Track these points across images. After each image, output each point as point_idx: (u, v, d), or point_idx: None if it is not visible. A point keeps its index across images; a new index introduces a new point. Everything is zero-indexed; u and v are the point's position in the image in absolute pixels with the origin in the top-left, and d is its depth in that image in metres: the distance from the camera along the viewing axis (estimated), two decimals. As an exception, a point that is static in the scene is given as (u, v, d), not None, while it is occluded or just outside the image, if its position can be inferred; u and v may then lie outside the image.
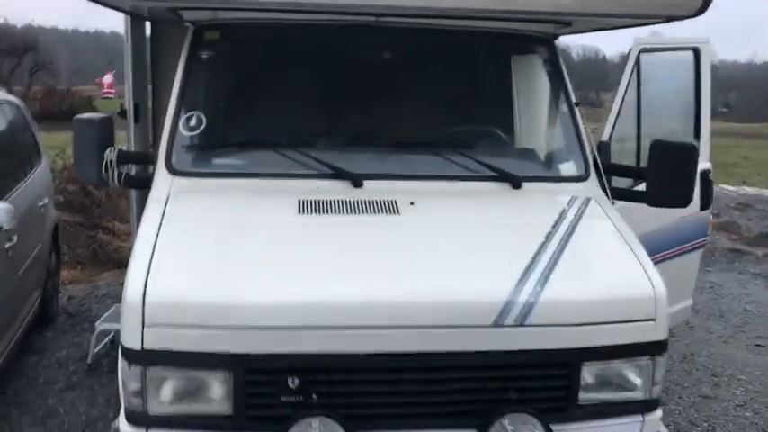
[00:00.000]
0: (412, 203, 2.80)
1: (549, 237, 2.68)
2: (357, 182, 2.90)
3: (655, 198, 3.12)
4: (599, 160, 3.20)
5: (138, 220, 2.89)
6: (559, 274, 2.50)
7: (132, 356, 2.27)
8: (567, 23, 3.29)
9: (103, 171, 2.99)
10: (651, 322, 2.51)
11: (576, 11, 2.87)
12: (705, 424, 4.22)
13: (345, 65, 3.27)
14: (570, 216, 2.86)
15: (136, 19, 3.81)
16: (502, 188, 3.00)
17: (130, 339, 2.27)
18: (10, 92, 6.79)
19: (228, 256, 2.48)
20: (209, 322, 2.25)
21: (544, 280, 2.45)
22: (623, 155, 3.80)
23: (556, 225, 2.77)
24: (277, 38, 3.23)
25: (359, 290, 2.33)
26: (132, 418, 2.33)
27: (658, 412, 2.63)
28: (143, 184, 3.10)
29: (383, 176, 2.95)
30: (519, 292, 2.38)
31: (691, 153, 3.08)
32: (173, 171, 2.92)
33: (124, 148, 3.20)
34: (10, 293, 3.97)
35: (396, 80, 3.30)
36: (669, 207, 3.18)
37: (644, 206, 3.25)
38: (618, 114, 3.38)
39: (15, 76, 40.73)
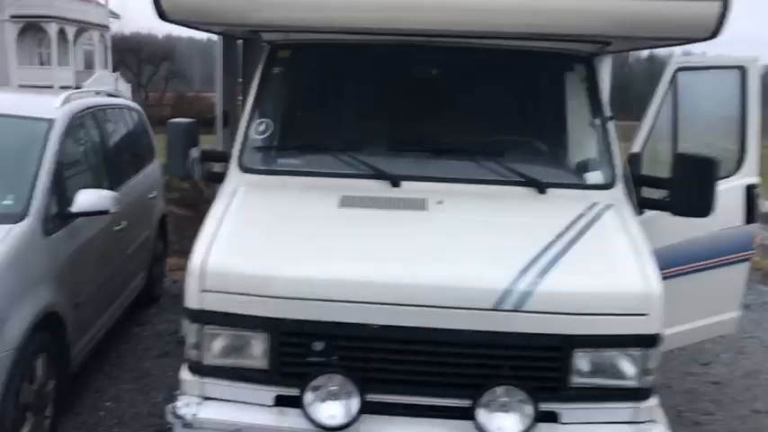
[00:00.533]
0: (440, 202, 3.19)
1: (559, 236, 2.98)
2: (395, 182, 3.31)
3: (677, 207, 3.34)
4: (628, 171, 3.46)
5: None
6: (560, 268, 2.79)
7: (192, 315, 2.79)
8: (606, 43, 3.56)
9: (189, 167, 3.57)
10: (643, 317, 2.75)
11: (597, 33, 3.17)
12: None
13: (396, 80, 3.70)
14: (586, 219, 3.12)
15: (227, 38, 4.42)
16: (528, 192, 3.31)
17: (192, 301, 2.79)
18: (146, 97, 7.70)
19: (274, 238, 2.97)
20: (253, 291, 2.73)
21: (544, 272, 2.76)
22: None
23: (569, 226, 3.06)
24: (337, 56, 3.70)
25: (377, 271, 2.74)
26: (191, 368, 2.85)
27: (652, 401, 2.86)
28: (220, 179, 3.64)
29: (420, 178, 3.34)
30: (518, 281, 2.70)
31: (710, 165, 3.28)
32: (243, 168, 3.45)
33: (209, 148, 3.77)
34: (117, 270, 4.66)
35: (440, 94, 3.68)
36: (690, 216, 3.37)
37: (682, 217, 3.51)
38: (651, 129, 3.59)
39: (153, 83, 44.13)
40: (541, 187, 3.31)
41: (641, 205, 3.47)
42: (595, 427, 2.79)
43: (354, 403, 2.66)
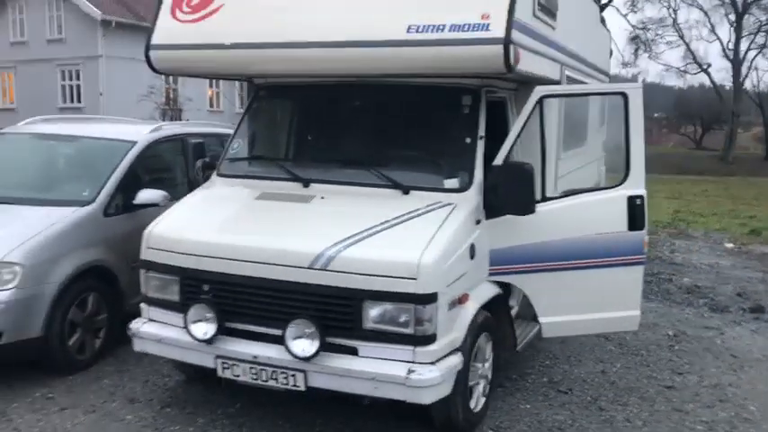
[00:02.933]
0: (323, 198, 4.39)
1: (387, 221, 4.02)
2: (306, 183, 4.55)
3: (490, 208, 4.18)
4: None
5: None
6: (367, 242, 3.86)
7: (142, 264, 4.32)
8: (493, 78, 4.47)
9: (196, 174, 5.15)
10: (414, 280, 3.70)
11: (424, 73, 4.18)
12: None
13: (328, 111, 4.97)
14: (419, 212, 4.10)
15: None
16: (394, 193, 4.34)
17: (142, 254, 4.32)
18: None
19: (197, 216, 4.43)
20: (170, 249, 4.19)
21: (352, 244, 3.85)
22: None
23: (402, 216, 4.06)
24: (291, 94, 5.07)
25: (238, 239, 4.06)
26: (143, 300, 4.38)
27: (432, 347, 3.76)
28: (213, 182, 5.17)
29: (325, 181, 4.55)
30: (329, 249, 3.82)
31: (525, 171, 4.07)
32: (219, 173, 4.93)
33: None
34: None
35: (358, 120, 4.85)
36: (505, 214, 4.19)
37: (561, 219, 4.41)
38: (512, 146, 4.36)
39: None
40: (405, 189, 4.33)
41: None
42: (383, 362, 3.77)
43: (213, 327, 3.97)
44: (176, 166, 6.38)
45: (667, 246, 11.15)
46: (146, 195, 5.55)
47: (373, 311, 3.79)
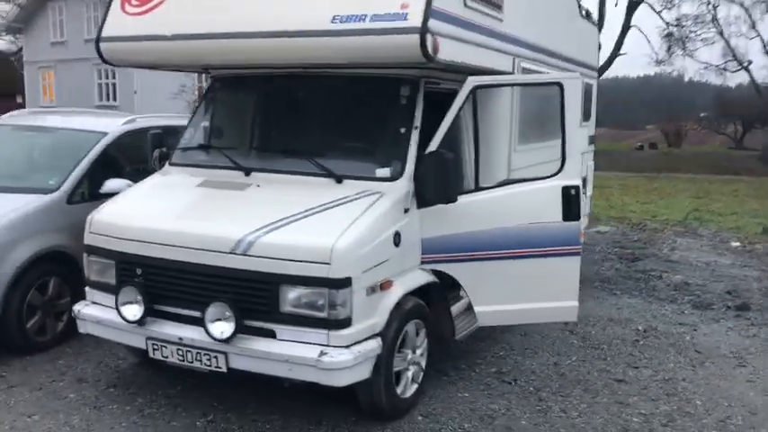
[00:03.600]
0: (258, 186, 4.50)
1: (311, 208, 4.11)
2: (247, 172, 4.67)
3: (420, 198, 4.22)
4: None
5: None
6: (287, 228, 3.96)
7: (85, 248, 4.49)
8: (431, 68, 4.52)
9: (153, 163, 5.30)
10: (327, 265, 3.78)
11: (346, 63, 4.27)
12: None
13: (273, 101, 5.08)
14: (345, 200, 4.18)
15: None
16: (328, 182, 4.43)
17: (85, 239, 4.49)
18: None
19: (136, 203, 4.57)
20: (108, 234, 4.34)
21: (272, 230, 3.95)
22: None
23: (327, 203, 4.15)
24: (240, 84, 5.18)
25: (165, 224, 4.19)
26: (86, 283, 4.54)
27: (346, 331, 3.83)
28: (169, 171, 5.31)
29: (265, 170, 4.66)
30: (250, 235, 3.93)
31: (442, 159, 4.11)
32: (170, 163, 5.08)
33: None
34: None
35: (301, 110, 4.93)
36: (432, 204, 4.23)
37: (494, 209, 4.47)
38: (443, 136, 4.40)
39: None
40: (338, 178, 4.41)
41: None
42: (298, 345, 3.86)
43: (141, 309, 4.11)
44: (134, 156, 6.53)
45: (668, 243, 10.98)
46: (112, 185, 5.72)
47: (289, 295, 3.88)
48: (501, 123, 5.15)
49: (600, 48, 8.81)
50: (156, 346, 4.16)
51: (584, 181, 8.27)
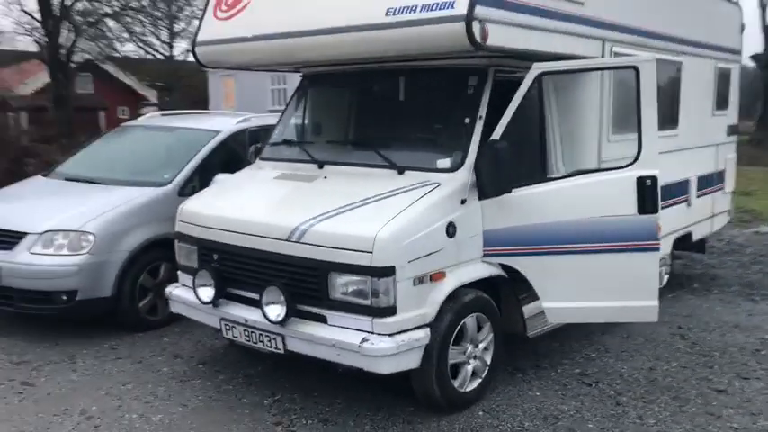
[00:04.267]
0: (325, 177, 4.66)
1: (367, 198, 4.19)
2: (320, 165, 4.84)
3: (483, 189, 4.14)
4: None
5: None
6: (340, 217, 4.07)
7: (175, 236, 4.91)
8: (500, 57, 4.44)
9: (249, 158, 5.65)
10: (369, 254, 3.84)
11: (407, 54, 4.28)
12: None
13: (351, 96, 5.22)
14: (400, 191, 4.21)
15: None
16: (391, 173, 4.48)
17: (175, 227, 4.90)
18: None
19: (221, 194, 4.91)
20: (191, 222, 4.71)
21: (326, 219, 4.09)
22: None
23: (381, 194, 4.21)
24: (324, 82, 5.36)
25: (238, 213, 4.46)
26: (177, 267, 4.95)
27: (390, 319, 3.87)
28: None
29: (336, 163, 4.81)
30: (304, 223, 4.09)
31: (497, 150, 4.01)
32: (260, 157, 5.39)
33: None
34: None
35: (376, 104, 5.03)
36: (491, 196, 4.13)
37: (561, 200, 4.30)
38: (506, 125, 4.25)
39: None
40: (400, 170, 4.45)
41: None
42: (347, 331, 3.96)
43: (212, 291, 4.41)
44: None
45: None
46: (220, 179, 6.16)
47: (337, 282, 3.99)
48: (587, 112, 4.89)
49: (743, 29, 7.99)
50: (227, 326, 4.45)
51: (722, 175, 7.65)
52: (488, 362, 4.52)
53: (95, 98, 31.23)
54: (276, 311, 4.09)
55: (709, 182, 7.31)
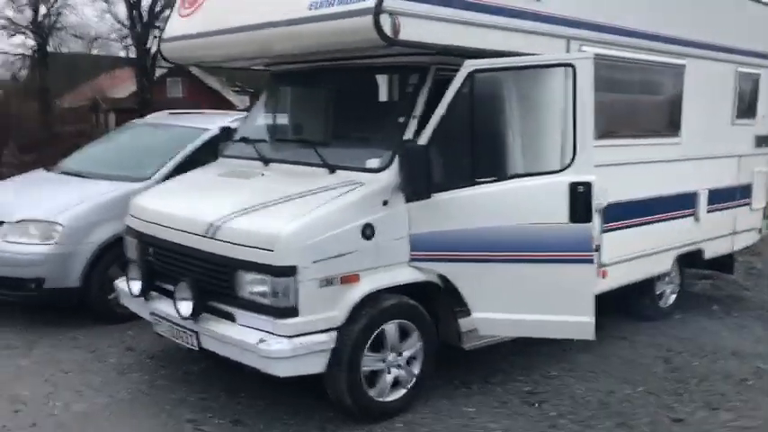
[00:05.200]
0: (263, 174, 4.59)
1: (287, 196, 4.09)
2: (266, 162, 4.79)
3: (406, 192, 3.96)
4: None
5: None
6: (254, 214, 3.99)
7: (125, 229, 4.97)
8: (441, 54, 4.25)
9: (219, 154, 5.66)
10: (271, 252, 3.74)
11: (312, 51, 4.22)
12: None
13: (300, 94, 5.15)
14: (321, 189, 4.09)
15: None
16: (323, 171, 4.36)
17: (125, 220, 4.96)
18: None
19: (168, 190, 4.93)
20: (136, 215, 4.75)
21: (240, 215, 4.02)
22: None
23: (302, 192, 4.10)
24: (284, 80, 5.31)
25: (166, 207, 4.46)
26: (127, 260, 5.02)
27: (291, 320, 3.75)
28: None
29: (280, 161, 4.74)
30: (219, 219, 4.04)
31: (409, 152, 3.82)
32: (221, 155, 5.38)
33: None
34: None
35: (326, 102, 4.92)
36: (413, 200, 3.93)
37: (490, 205, 4.08)
38: (437, 126, 4.05)
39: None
40: (331, 168, 4.33)
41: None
42: (250, 331, 3.87)
43: (139, 284, 4.43)
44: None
45: None
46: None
47: (243, 280, 3.91)
48: (550, 113, 4.55)
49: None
50: (156, 321, 4.46)
51: (748, 189, 7.08)
52: (416, 372, 4.31)
53: (185, 103, 32.55)
54: (185, 307, 4.05)
55: (728, 196, 6.76)
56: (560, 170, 4.05)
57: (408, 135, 4.17)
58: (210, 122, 6.89)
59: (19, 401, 4.39)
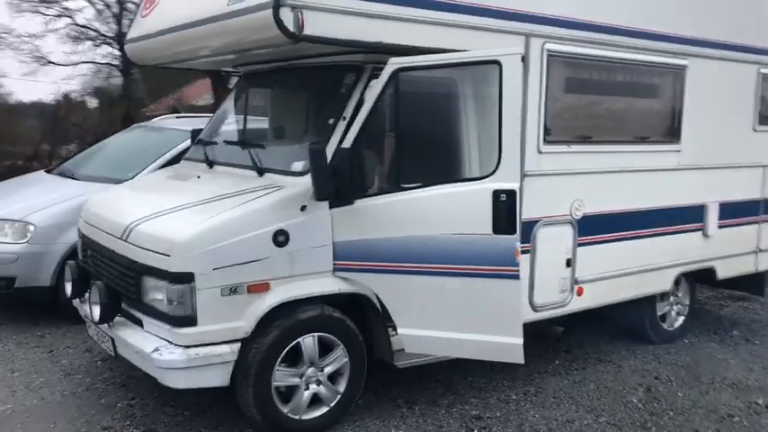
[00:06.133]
0: (198, 177, 4.46)
1: (206, 199, 3.94)
2: (210, 164, 4.66)
3: (316, 194, 3.72)
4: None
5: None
6: (165, 217, 3.87)
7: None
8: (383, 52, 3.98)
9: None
10: (168, 257, 3.59)
11: (226, 50, 4.17)
12: None
13: (247, 94, 4.99)
14: (236, 193, 3.91)
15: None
16: (253, 175, 4.18)
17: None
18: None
19: (117, 193, 4.87)
20: (82, 217, 4.72)
21: (152, 218, 3.90)
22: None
23: (224, 194, 3.92)
24: (240, 81, 5.16)
25: (105, 211, 4.37)
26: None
27: (188, 330, 3.58)
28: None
29: (223, 163, 4.60)
30: (133, 222, 3.93)
31: (313, 154, 3.57)
32: (184, 158, 5.29)
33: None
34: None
35: (269, 103, 4.75)
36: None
37: (411, 213, 3.81)
38: (361, 128, 3.78)
39: None
40: (260, 171, 4.14)
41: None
42: (152, 338, 3.73)
43: (71, 285, 4.38)
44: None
45: None
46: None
47: (146, 286, 3.78)
48: (479, 115, 4.12)
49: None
50: (87, 324, 4.39)
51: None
52: (340, 390, 4.05)
53: (259, 108, 33.25)
54: (95, 311, 3.96)
55: (749, 210, 6.14)
56: (484, 177, 3.70)
57: (337, 138, 3.92)
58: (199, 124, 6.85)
59: (-48, 399, 4.43)
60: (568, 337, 5.92)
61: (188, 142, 6.23)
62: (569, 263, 4.80)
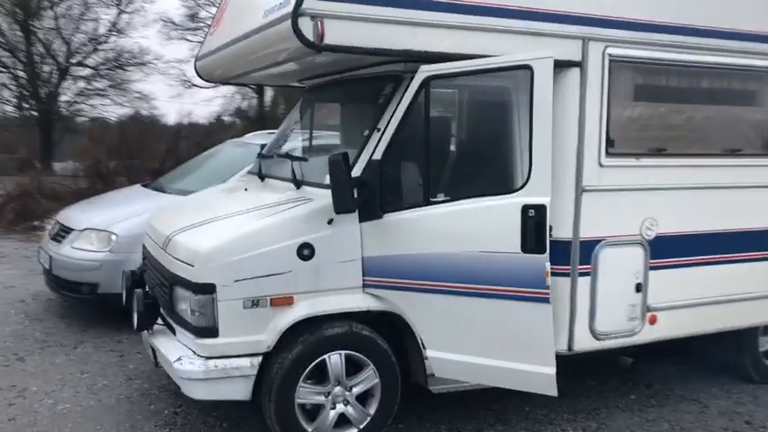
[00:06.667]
0: (245, 189, 4.49)
1: (242, 210, 3.96)
2: (262, 178, 4.69)
3: (334, 207, 3.59)
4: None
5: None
6: (201, 228, 3.92)
7: (145, 240, 5.15)
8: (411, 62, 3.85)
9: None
10: (192, 267, 3.61)
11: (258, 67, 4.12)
12: None
13: (302, 108, 4.93)
14: (268, 205, 3.88)
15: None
16: (291, 187, 4.14)
17: (145, 232, 5.14)
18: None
19: (179, 204, 5.00)
20: (146, 228, 4.89)
21: (190, 229, 3.96)
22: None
23: (259, 206, 3.92)
24: (305, 96, 5.15)
25: (159, 222, 4.49)
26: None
27: (210, 341, 3.58)
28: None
29: (272, 176, 4.60)
30: (173, 233, 4.01)
31: (333, 165, 3.44)
32: (249, 171, 5.36)
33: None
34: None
35: (321, 117, 4.69)
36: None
37: (439, 229, 3.63)
38: (392, 139, 3.60)
39: None
40: (297, 184, 4.09)
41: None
42: (179, 348, 3.77)
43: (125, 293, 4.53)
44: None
45: None
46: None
47: (176, 295, 3.82)
48: (511, 125, 3.79)
49: None
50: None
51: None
52: (371, 412, 3.88)
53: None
54: (135, 319, 4.06)
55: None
56: (514, 191, 3.42)
57: (370, 149, 3.80)
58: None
59: (22, 395, 4.70)
60: (655, 371, 5.39)
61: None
62: (639, 287, 4.34)
